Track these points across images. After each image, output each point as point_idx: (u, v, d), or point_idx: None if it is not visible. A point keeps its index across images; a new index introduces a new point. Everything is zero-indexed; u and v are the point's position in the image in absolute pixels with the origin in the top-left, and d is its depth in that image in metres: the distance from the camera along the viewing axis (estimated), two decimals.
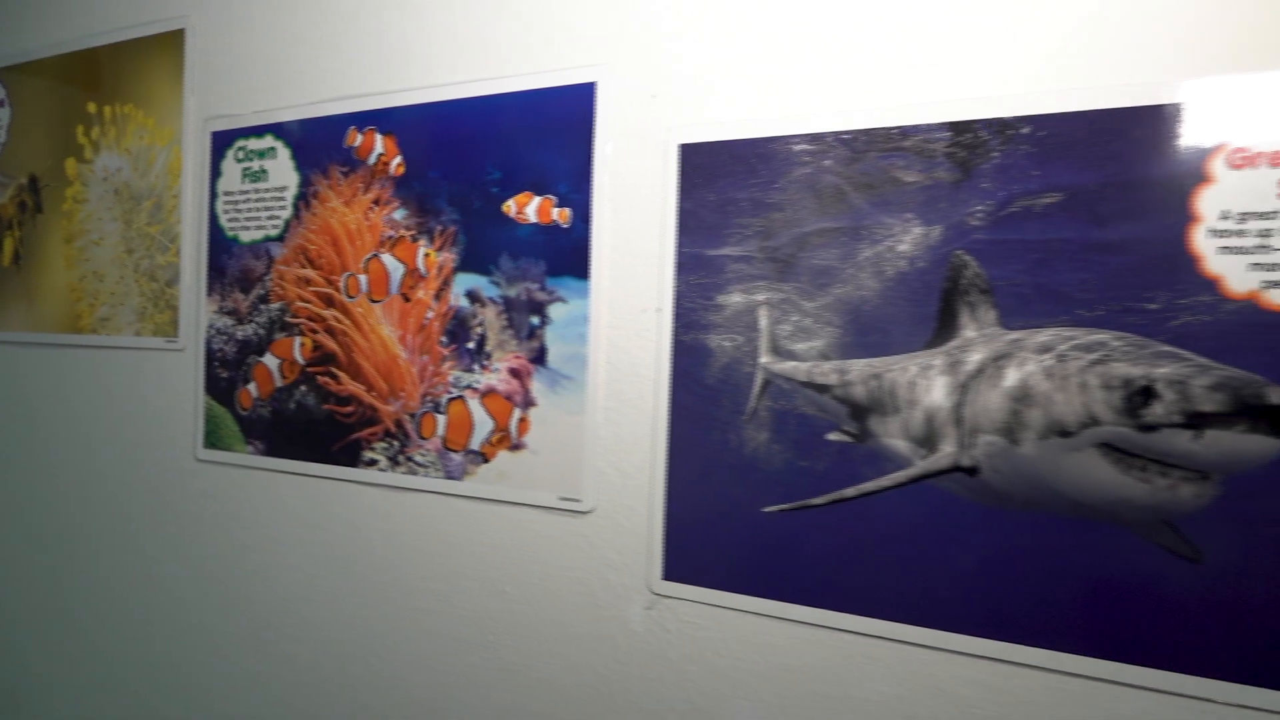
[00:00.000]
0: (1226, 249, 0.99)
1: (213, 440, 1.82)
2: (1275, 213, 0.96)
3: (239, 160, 1.78)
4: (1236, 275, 0.98)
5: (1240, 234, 0.98)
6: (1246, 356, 0.98)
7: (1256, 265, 0.97)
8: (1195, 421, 0.96)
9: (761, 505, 1.25)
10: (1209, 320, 1.00)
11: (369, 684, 1.63)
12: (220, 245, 1.81)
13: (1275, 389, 0.94)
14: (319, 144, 1.67)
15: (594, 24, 1.38)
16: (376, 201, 1.60)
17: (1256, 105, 0.97)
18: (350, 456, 1.64)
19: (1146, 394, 0.99)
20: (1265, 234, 0.97)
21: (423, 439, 1.55)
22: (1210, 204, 0.99)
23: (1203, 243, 1.00)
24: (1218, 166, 0.99)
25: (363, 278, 1.62)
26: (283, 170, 1.72)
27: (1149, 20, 1.03)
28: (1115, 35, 1.05)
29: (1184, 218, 1.00)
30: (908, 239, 1.16)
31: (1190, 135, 1.00)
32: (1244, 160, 0.98)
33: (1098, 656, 1.06)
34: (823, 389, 1.23)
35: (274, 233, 1.73)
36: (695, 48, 1.30)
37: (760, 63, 1.25)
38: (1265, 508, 0.97)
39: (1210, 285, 0.99)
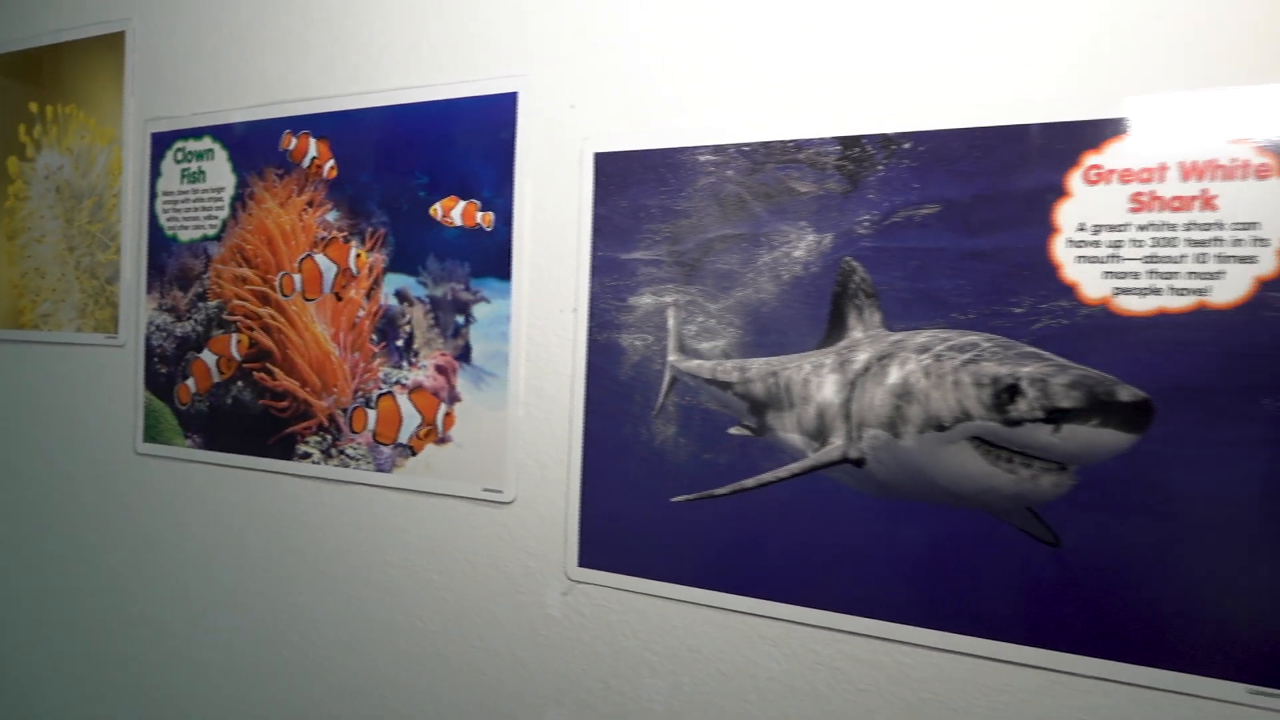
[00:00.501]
0: (1083, 258, 1.06)
1: (152, 434, 1.84)
2: (1125, 225, 1.04)
3: (178, 161, 1.80)
4: (1091, 282, 1.05)
5: (1095, 244, 1.05)
6: (1100, 357, 1.05)
7: (1109, 273, 1.04)
8: (1054, 417, 1.03)
9: (669, 495, 1.31)
10: (1067, 323, 1.07)
11: (305, 669, 1.66)
12: (160, 244, 1.83)
13: (1125, 387, 1.01)
14: (255, 147, 1.70)
15: (516, 36, 1.43)
16: (310, 203, 1.63)
17: (1108, 126, 1.04)
18: (285, 450, 1.67)
19: (1012, 391, 1.05)
20: (1116, 245, 1.04)
21: (354, 433, 1.59)
22: (1069, 217, 1.06)
23: (1062, 252, 1.07)
24: (1075, 182, 1.06)
25: (297, 277, 1.65)
26: (220, 171, 1.74)
27: (1016, 48, 1.10)
28: (987, 61, 1.11)
29: (1046, 229, 1.07)
30: (802, 246, 1.22)
31: (1052, 153, 1.07)
32: (1098, 176, 1.05)
33: (966, 633, 1.12)
34: (725, 386, 1.29)
35: (212, 232, 1.76)
36: (610, 61, 1.35)
37: (670, 77, 1.30)
38: (1115, 496, 1.05)
39: (1069, 291, 1.06)
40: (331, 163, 1.61)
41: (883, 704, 1.18)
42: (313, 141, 1.63)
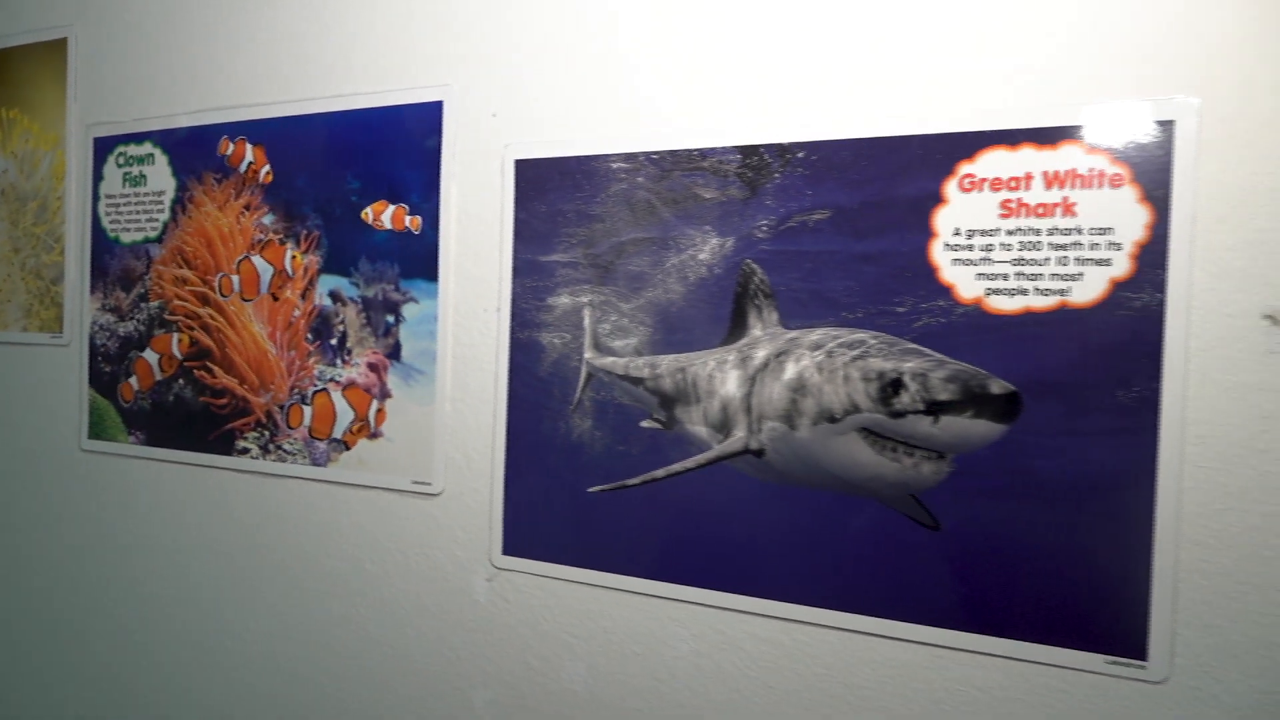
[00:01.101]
0: (958, 261, 1.11)
1: (96, 431, 1.86)
2: (995, 230, 1.09)
3: (120, 165, 1.81)
4: (966, 283, 1.11)
5: (969, 248, 1.11)
6: (974, 353, 1.10)
7: (981, 275, 1.10)
8: (934, 409, 1.09)
9: (586, 486, 1.35)
10: (945, 321, 1.12)
11: (245, 657, 1.69)
12: (103, 246, 1.84)
13: (996, 381, 1.07)
14: (194, 151, 1.72)
15: (442, 48, 1.46)
16: (247, 207, 1.66)
17: (980, 138, 1.10)
18: (224, 445, 1.69)
19: (896, 385, 1.11)
20: (988, 248, 1.10)
21: (290, 429, 1.62)
22: (945, 222, 1.12)
23: (940, 255, 1.12)
24: (951, 190, 1.12)
25: (235, 278, 1.67)
26: (161, 175, 1.76)
27: (898, 64, 1.15)
28: (872, 75, 1.17)
29: (925, 233, 1.13)
30: (707, 249, 1.27)
31: (930, 162, 1.13)
32: (972, 185, 1.11)
33: (856, 612, 1.18)
34: (637, 381, 1.33)
35: (153, 234, 1.77)
36: (530, 72, 1.39)
37: (585, 88, 1.35)
38: (988, 483, 1.10)
39: (946, 292, 1.12)
40: (267, 168, 1.63)
41: (781, 680, 1.23)
42: (249, 147, 1.65)
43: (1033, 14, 1.08)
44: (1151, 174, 1.02)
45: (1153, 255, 1.02)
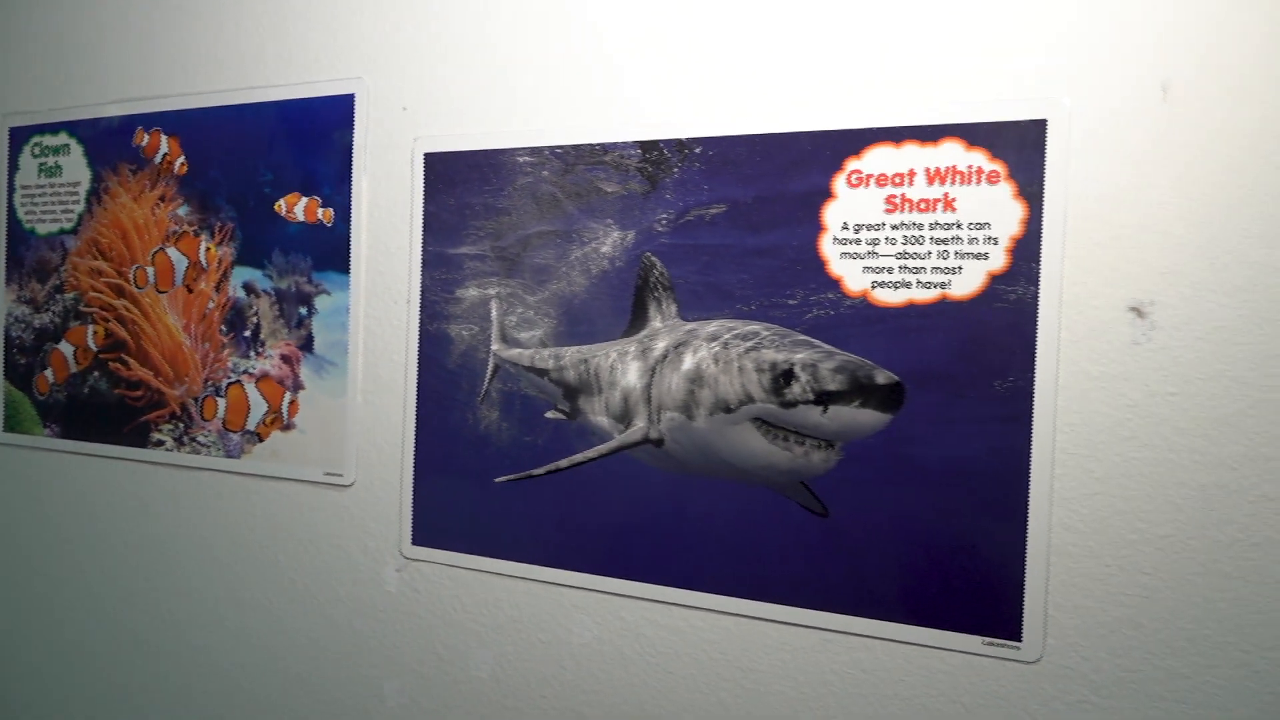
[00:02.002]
0: (846, 254, 1.11)
1: (12, 424, 1.79)
2: (881, 225, 1.09)
3: (35, 156, 1.75)
4: (853, 276, 1.11)
5: (856, 242, 1.11)
6: (861, 344, 1.11)
7: (868, 268, 1.10)
8: (823, 399, 1.09)
9: (493, 476, 1.33)
10: (833, 314, 1.12)
11: (158, 649, 1.64)
12: (18, 237, 1.78)
13: (881, 371, 1.07)
14: (110, 142, 1.67)
15: (353, 42, 1.43)
16: (162, 198, 1.61)
17: (867, 135, 1.10)
18: (139, 438, 1.65)
19: (787, 376, 1.10)
20: (874, 242, 1.10)
21: (205, 420, 1.58)
22: (834, 216, 1.12)
23: (829, 249, 1.12)
24: (840, 185, 1.12)
25: (150, 270, 1.62)
26: (76, 166, 1.70)
27: (787, 59, 1.15)
28: (765, 71, 1.16)
29: (815, 227, 1.13)
30: (609, 242, 1.25)
31: (820, 158, 1.12)
32: (858, 180, 1.11)
33: (751, 598, 1.18)
34: (542, 373, 1.32)
35: (68, 226, 1.72)
36: (439, 67, 1.37)
37: (491, 82, 1.33)
38: (874, 470, 1.11)
39: (835, 284, 1.12)
40: (182, 159, 1.59)
41: (680, 665, 1.22)
42: (164, 138, 1.60)
43: (917, 15, 1.09)
44: (1026, 171, 1.03)
45: (1027, 250, 1.03)
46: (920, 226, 1.08)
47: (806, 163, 1.14)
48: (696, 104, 1.20)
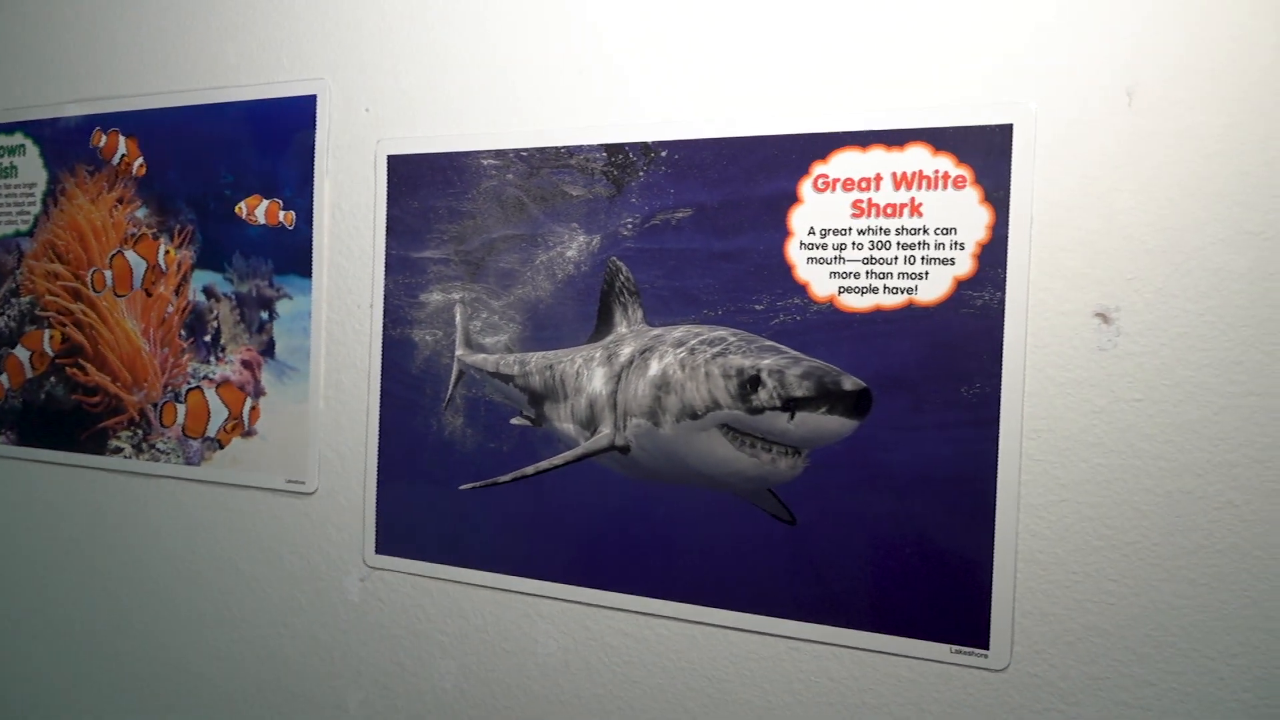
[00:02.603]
0: (812, 259, 1.09)
1: None
2: (847, 229, 1.07)
3: None
4: (820, 281, 1.08)
5: (823, 247, 1.08)
6: (828, 350, 1.08)
7: (834, 273, 1.08)
8: (790, 405, 1.05)
9: (458, 483, 1.29)
10: (800, 319, 1.09)
11: (116, 658, 1.58)
12: None
13: (848, 377, 1.05)
14: (66, 143, 1.61)
15: (316, 41, 1.39)
16: (120, 200, 1.55)
17: (833, 139, 1.07)
18: (97, 445, 1.59)
19: (754, 382, 1.07)
20: (840, 247, 1.07)
21: (164, 427, 1.52)
22: (801, 221, 1.09)
23: (795, 254, 1.09)
24: (806, 190, 1.09)
25: (108, 273, 1.56)
26: (32, 167, 1.64)
27: (756, 65, 1.12)
28: (731, 75, 1.13)
29: (782, 232, 1.10)
30: (574, 246, 1.22)
31: (786, 162, 1.10)
32: (825, 185, 1.08)
33: (718, 606, 1.14)
34: (507, 379, 1.28)
35: (24, 228, 1.65)
36: (402, 67, 1.32)
37: (455, 84, 1.29)
38: (841, 477, 1.08)
39: (801, 290, 1.09)
40: (140, 160, 1.53)
41: (645, 674, 1.19)
42: (122, 139, 1.55)
43: (883, 19, 1.06)
44: (992, 176, 1.01)
45: (993, 255, 1.01)
46: (887, 231, 1.05)
47: (773, 167, 1.11)
48: (662, 107, 1.17)
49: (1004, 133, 1.01)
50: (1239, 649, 0.93)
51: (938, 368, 1.03)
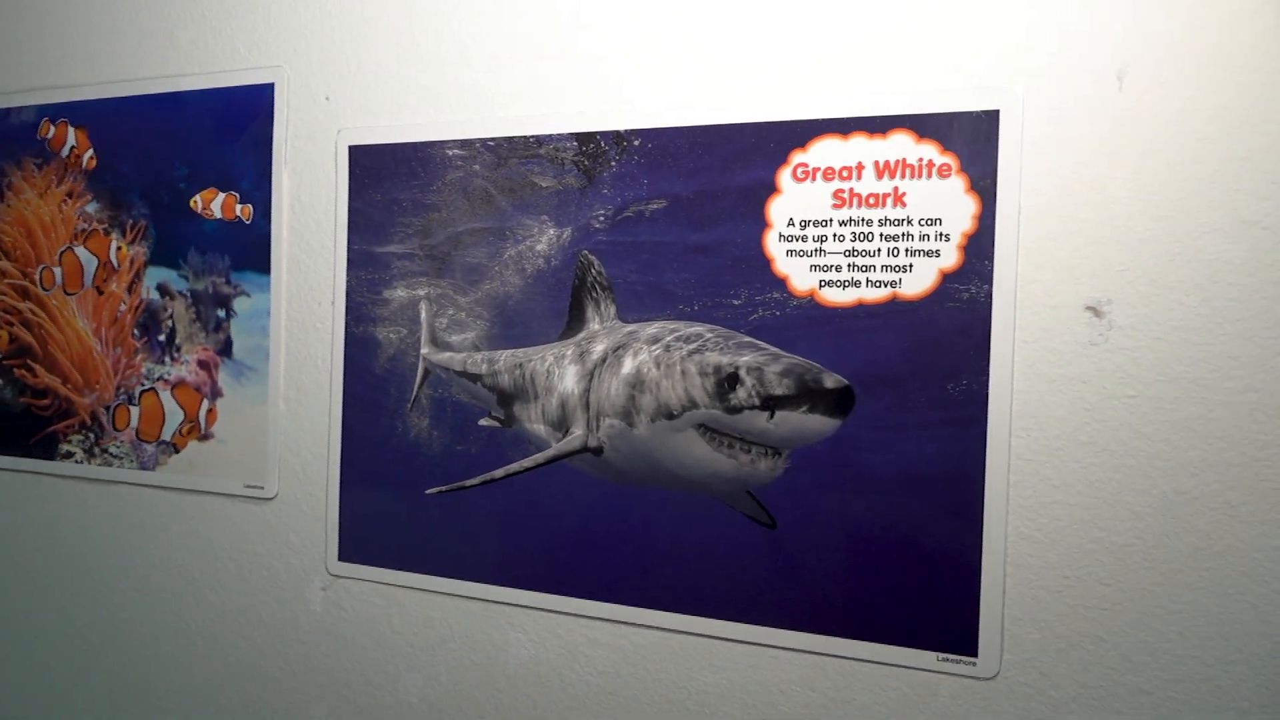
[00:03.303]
0: (792, 252, 1.02)
1: None
2: (828, 221, 1.01)
3: None
4: (800, 275, 1.02)
5: (803, 239, 1.02)
6: (809, 346, 1.02)
7: (815, 267, 1.01)
8: (769, 404, 0.99)
9: (424, 487, 1.22)
10: (779, 314, 1.03)
11: (68, 671, 1.49)
12: None
13: (830, 375, 0.98)
14: (13, 135, 1.51)
15: (273, 27, 1.31)
16: (70, 194, 1.46)
17: (813, 126, 1.01)
18: (47, 449, 1.49)
19: (732, 380, 1.01)
20: (821, 239, 1.01)
21: (117, 430, 1.43)
22: (780, 212, 1.03)
23: (774, 246, 1.03)
24: (785, 179, 1.03)
25: (57, 270, 1.47)
26: None
27: (732, 49, 1.05)
28: (706, 60, 1.07)
29: (760, 224, 1.04)
30: (544, 239, 1.15)
31: (764, 151, 1.03)
32: (805, 174, 1.02)
33: (695, 614, 1.08)
34: (475, 378, 1.21)
35: None
36: (364, 54, 1.25)
37: (419, 70, 1.22)
38: (823, 478, 1.02)
39: (781, 284, 1.03)
40: (91, 152, 1.44)
41: (621, 685, 1.12)
42: (71, 130, 1.46)
43: (864, 1, 1.00)
44: (978, 164, 0.95)
45: (980, 246, 0.95)
46: (869, 222, 0.99)
47: (750, 156, 1.04)
48: (636, 93, 1.10)
49: (990, 119, 0.95)
50: (1238, 655, 0.88)
51: (923, 364, 0.98)
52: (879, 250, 0.99)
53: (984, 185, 0.95)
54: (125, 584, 1.44)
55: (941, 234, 0.97)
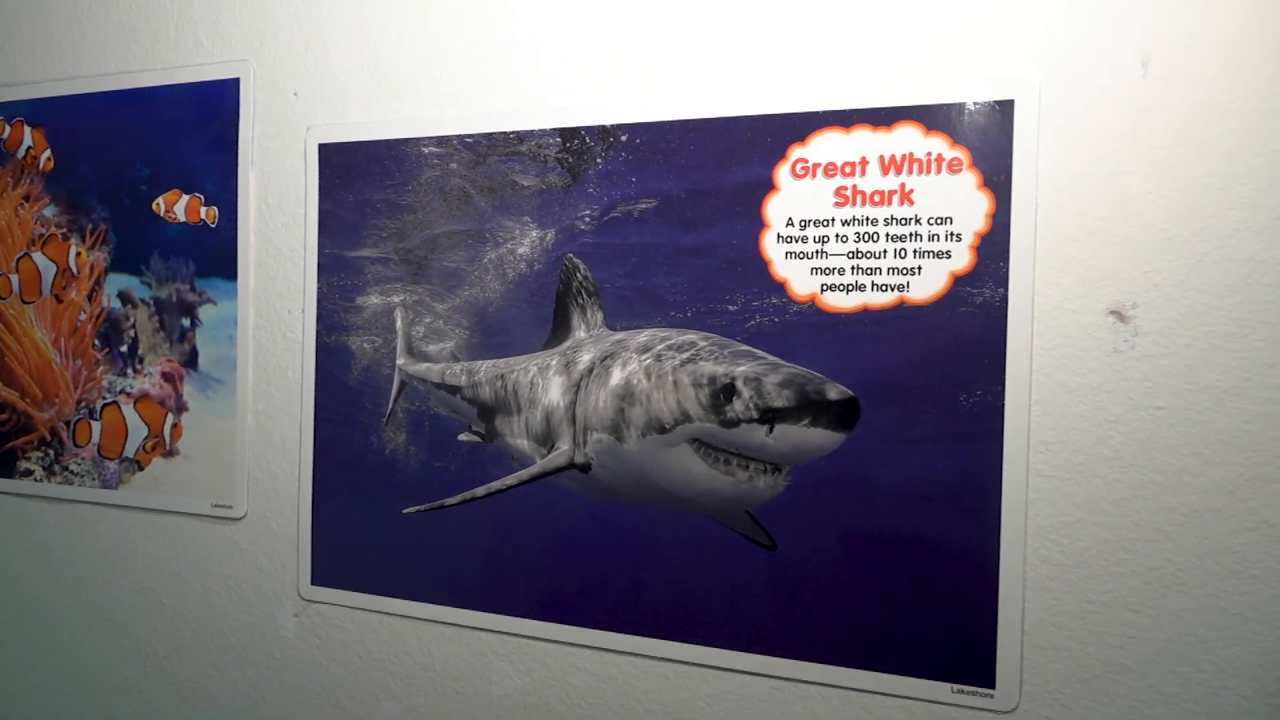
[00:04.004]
0: (791, 254, 0.95)
1: None
2: (830, 220, 0.93)
3: None
4: (800, 279, 0.94)
5: (803, 240, 0.94)
6: (810, 354, 0.94)
7: (816, 269, 0.94)
8: (768, 416, 0.91)
9: (401, 506, 1.13)
10: (779, 320, 0.95)
11: (26, 700, 1.39)
12: None
13: (833, 386, 0.91)
14: None
15: (238, 19, 1.22)
16: (26, 197, 1.37)
17: (812, 120, 0.93)
18: (5, 467, 1.40)
19: (728, 392, 0.93)
20: (822, 240, 0.93)
21: (78, 447, 1.34)
22: (778, 211, 0.95)
23: (772, 248, 0.95)
24: (783, 176, 0.95)
25: (14, 277, 1.38)
26: None
27: (726, 39, 0.97)
28: (698, 50, 0.98)
29: (757, 224, 0.96)
30: (526, 242, 1.07)
31: (761, 146, 0.95)
32: (804, 170, 0.94)
33: (690, 642, 1.00)
34: (454, 390, 1.12)
35: None
36: (333, 47, 1.16)
37: (393, 64, 1.13)
38: (826, 496, 0.94)
39: (780, 288, 0.95)
40: (48, 153, 1.35)
41: (611, 717, 1.04)
42: (27, 130, 1.36)
43: None
44: (992, 158, 0.88)
45: (994, 247, 0.88)
46: (874, 222, 0.91)
47: (746, 151, 0.96)
48: (622, 86, 1.02)
49: (1004, 109, 0.87)
50: (1278, 686, 0.80)
51: (933, 373, 0.90)
52: (885, 251, 0.91)
53: (998, 181, 0.87)
54: (86, 609, 1.35)
55: (952, 234, 0.89)
